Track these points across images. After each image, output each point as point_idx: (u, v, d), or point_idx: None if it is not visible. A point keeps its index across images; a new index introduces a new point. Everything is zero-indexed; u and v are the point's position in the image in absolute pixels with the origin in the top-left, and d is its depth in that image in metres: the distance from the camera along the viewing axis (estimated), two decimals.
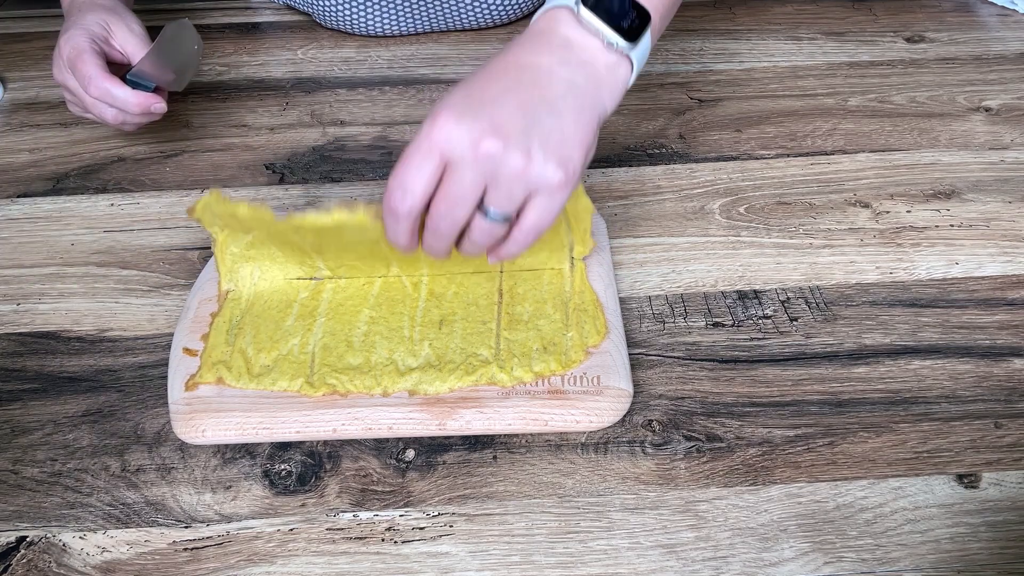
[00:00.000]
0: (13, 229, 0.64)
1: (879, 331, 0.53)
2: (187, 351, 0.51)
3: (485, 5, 0.81)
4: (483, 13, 0.82)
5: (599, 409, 0.48)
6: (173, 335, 0.53)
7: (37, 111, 0.76)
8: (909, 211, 0.62)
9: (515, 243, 0.45)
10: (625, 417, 0.49)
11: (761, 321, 0.54)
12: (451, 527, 0.44)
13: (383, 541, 0.44)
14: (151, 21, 0.69)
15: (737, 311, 0.55)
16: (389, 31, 0.83)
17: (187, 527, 0.45)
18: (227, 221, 0.51)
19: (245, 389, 0.49)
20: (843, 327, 0.54)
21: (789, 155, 0.68)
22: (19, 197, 0.67)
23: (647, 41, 0.47)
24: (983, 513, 0.44)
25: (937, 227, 0.61)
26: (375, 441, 0.48)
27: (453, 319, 0.52)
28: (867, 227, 0.61)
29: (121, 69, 0.63)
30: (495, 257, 0.47)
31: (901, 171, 0.66)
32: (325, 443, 0.48)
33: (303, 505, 0.45)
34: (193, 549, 0.44)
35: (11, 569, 0.43)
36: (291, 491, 0.46)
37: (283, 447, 0.48)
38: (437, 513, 0.45)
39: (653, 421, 0.49)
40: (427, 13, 0.82)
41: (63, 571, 0.43)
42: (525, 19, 0.85)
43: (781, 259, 0.59)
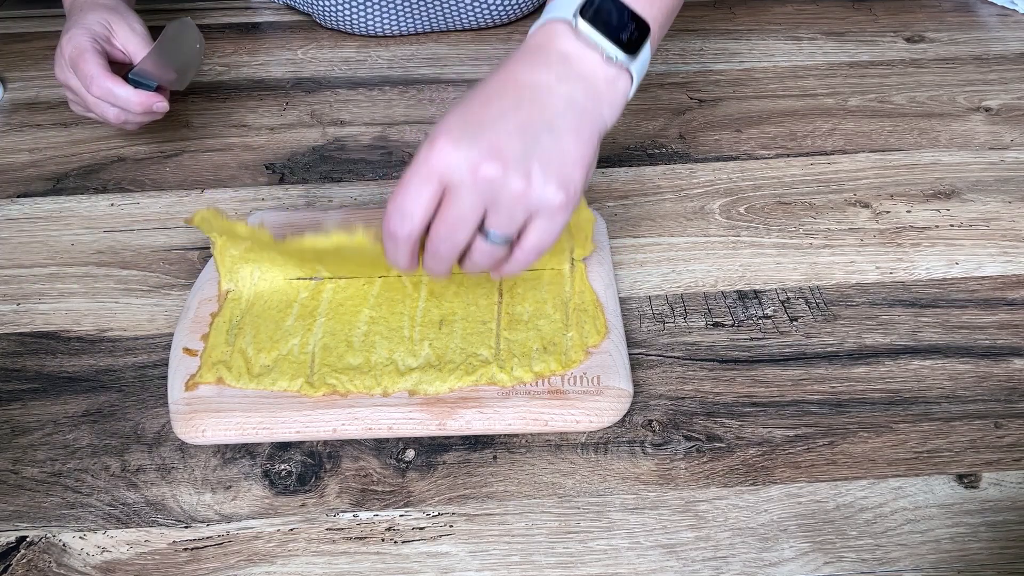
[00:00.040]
0: (13, 229, 0.64)
1: (879, 331, 0.53)
2: (187, 351, 0.51)
3: (485, 5, 0.81)
4: (483, 13, 0.82)
5: (599, 409, 0.48)
6: (173, 335, 0.53)
7: (37, 111, 0.76)
8: (909, 211, 0.62)
9: (516, 263, 0.45)
10: (625, 417, 0.49)
11: (761, 321, 0.54)
12: (451, 527, 0.44)
13: (383, 541, 0.44)
14: (153, 20, 0.69)
15: (737, 311, 0.55)
16: (389, 31, 0.83)
17: (187, 527, 0.45)
18: (225, 232, 0.51)
19: (245, 389, 0.49)
20: (843, 327, 0.54)
21: (789, 155, 0.68)
22: (19, 197, 0.67)
23: (646, 53, 0.46)
24: (983, 513, 0.44)
25: (937, 227, 0.61)
26: (375, 441, 0.48)
27: (453, 319, 0.52)
28: (867, 227, 0.61)
29: (123, 68, 0.63)
30: (497, 275, 0.47)
31: (901, 171, 0.66)
32: (325, 443, 0.48)
33: (303, 505, 0.45)
34: (193, 549, 0.44)
35: (11, 569, 0.43)
36: (291, 491, 0.46)
37: (283, 447, 0.48)
38: (437, 513, 0.45)
39: (653, 421, 0.49)
40: (427, 13, 0.82)
41: (63, 571, 0.43)
42: (525, 19, 0.85)
43: (781, 259, 0.59)
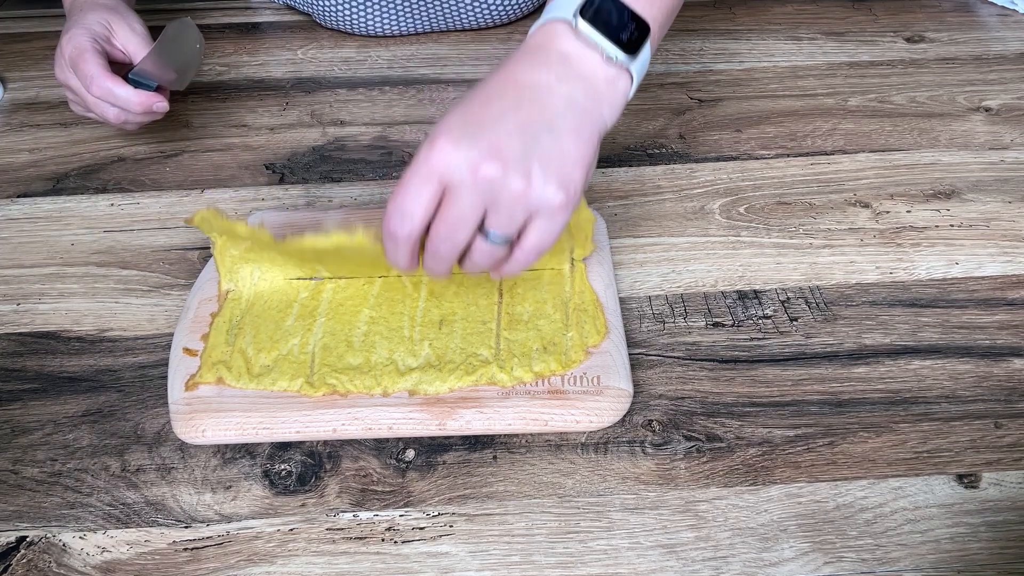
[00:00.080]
0: (13, 229, 0.64)
1: (879, 331, 0.53)
2: (187, 351, 0.51)
3: (485, 5, 0.81)
4: (483, 13, 0.82)
5: (599, 409, 0.48)
6: (173, 335, 0.53)
7: (37, 111, 0.76)
8: (909, 211, 0.62)
9: (517, 262, 0.45)
10: (625, 417, 0.49)
11: (761, 321, 0.54)
12: (451, 527, 0.44)
13: (383, 541, 0.44)
14: (153, 20, 0.69)
15: (737, 311, 0.55)
16: (389, 31, 0.83)
17: (187, 527, 0.45)
18: (225, 232, 0.51)
19: (245, 389, 0.49)
20: (843, 327, 0.54)
21: (789, 155, 0.68)
22: (19, 197, 0.67)
23: (646, 53, 0.46)
24: (983, 513, 0.44)
25: (937, 227, 0.61)
26: (375, 441, 0.48)
27: (453, 319, 0.52)
28: (867, 227, 0.61)
29: (123, 68, 0.63)
30: (497, 275, 0.47)
31: (901, 171, 0.66)
32: (325, 443, 0.48)
33: (303, 505, 0.45)
34: (193, 549, 0.44)
35: (11, 569, 0.43)
36: (291, 491, 0.46)
37: (283, 447, 0.48)
38: (437, 513, 0.45)
39: (653, 421, 0.49)
40: (427, 13, 0.82)
41: (63, 571, 0.43)
42: (525, 19, 0.85)
43: (781, 259, 0.59)
